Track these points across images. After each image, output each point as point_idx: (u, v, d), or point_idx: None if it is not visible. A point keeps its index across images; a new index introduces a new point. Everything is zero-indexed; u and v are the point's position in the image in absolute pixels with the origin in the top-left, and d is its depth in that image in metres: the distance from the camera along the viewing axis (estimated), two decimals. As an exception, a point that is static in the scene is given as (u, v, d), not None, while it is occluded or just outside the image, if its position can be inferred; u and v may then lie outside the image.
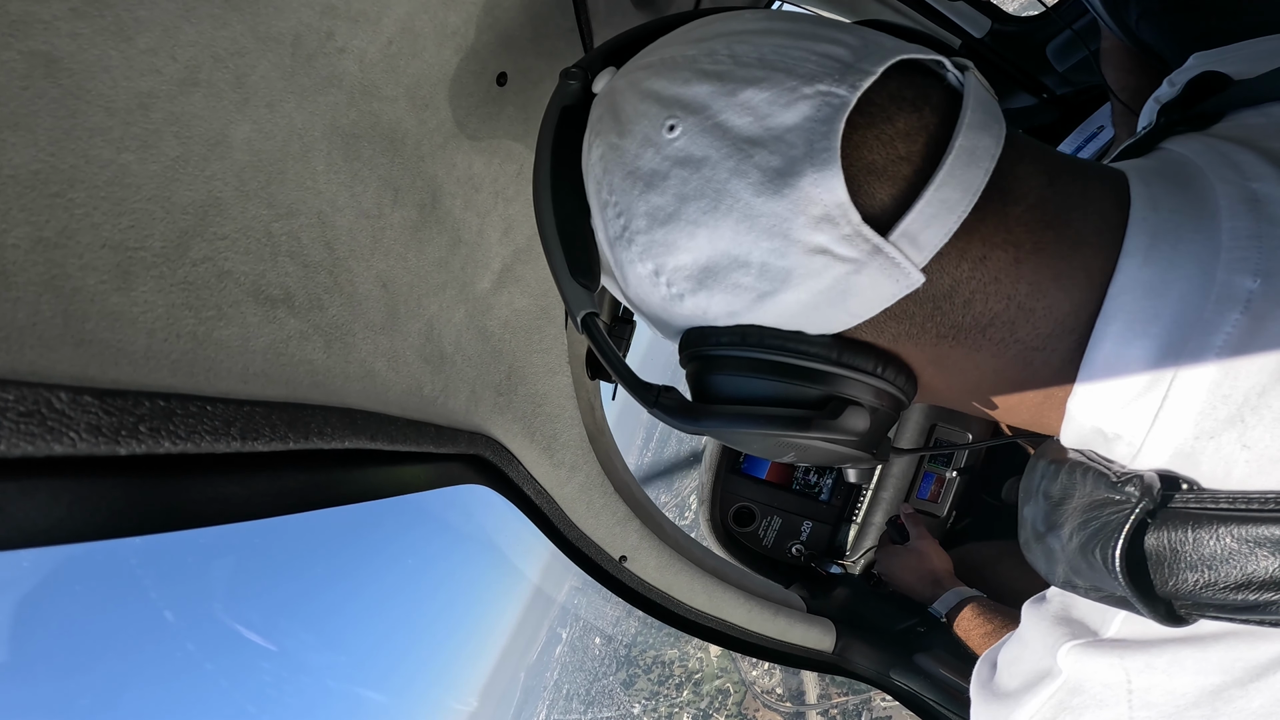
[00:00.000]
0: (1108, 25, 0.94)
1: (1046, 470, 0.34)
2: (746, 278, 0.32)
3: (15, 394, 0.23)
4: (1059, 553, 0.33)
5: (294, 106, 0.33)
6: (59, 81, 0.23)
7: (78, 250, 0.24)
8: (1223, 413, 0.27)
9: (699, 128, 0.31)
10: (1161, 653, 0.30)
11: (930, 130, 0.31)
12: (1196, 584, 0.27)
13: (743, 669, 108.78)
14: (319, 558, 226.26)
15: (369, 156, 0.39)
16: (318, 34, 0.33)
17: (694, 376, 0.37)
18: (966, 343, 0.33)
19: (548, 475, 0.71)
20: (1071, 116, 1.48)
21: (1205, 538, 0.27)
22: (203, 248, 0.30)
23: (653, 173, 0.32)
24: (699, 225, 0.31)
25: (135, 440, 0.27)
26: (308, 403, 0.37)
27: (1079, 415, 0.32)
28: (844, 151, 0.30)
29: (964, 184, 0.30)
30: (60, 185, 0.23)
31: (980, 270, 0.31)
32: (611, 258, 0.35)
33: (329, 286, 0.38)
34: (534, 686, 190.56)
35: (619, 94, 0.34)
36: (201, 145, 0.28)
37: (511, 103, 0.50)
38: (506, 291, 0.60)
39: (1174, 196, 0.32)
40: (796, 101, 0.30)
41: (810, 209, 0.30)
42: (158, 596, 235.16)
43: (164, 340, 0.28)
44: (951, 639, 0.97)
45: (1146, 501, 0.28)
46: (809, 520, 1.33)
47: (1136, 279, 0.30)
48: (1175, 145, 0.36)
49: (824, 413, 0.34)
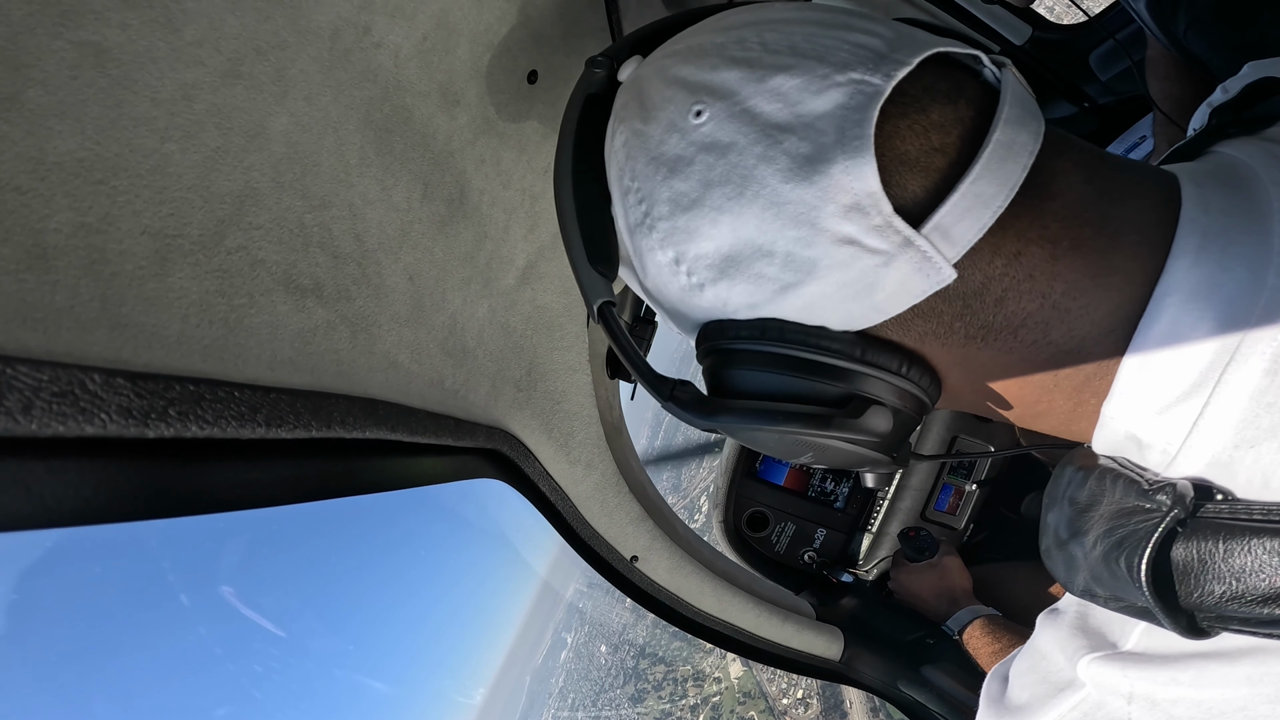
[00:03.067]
0: (1155, 35, 0.92)
1: (1074, 476, 0.34)
2: (770, 268, 0.31)
3: (50, 374, 0.23)
4: (1081, 560, 0.32)
5: (330, 100, 0.33)
6: (107, 71, 0.23)
7: (118, 236, 0.25)
8: (1265, 422, 0.27)
9: (727, 113, 0.30)
10: (1186, 667, 0.29)
11: (966, 124, 0.30)
12: (1223, 596, 0.27)
13: (770, 695, 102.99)
14: (333, 546, 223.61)
15: (400, 151, 0.40)
16: (355, 28, 0.33)
17: (711, 371, 0.36)
18: (996, 344, 0.32)
19: (564, 472, 0.71)
20: (1113, 126, 1.45)
21: (1236, 549, 0.26)
22: (238, 236, 0.30)
23: (677, 158, 0.31)
24: (723, 212, 0.30)
25: (164, 424, 0.27)
26: (332, 391, 0.38)
27: (1114, 420, 0.31)
28: (876, 141, 0.29)
29: (1000, 178, 0.29)
30: (104, 173, 0.24)
31: (1014, 267, 0.30)
32: (631, 246, 0.35)
33: (357, 278, 0.39)
34: (539, 692, 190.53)
35: (645, 81, 0.34)
36: (241, 136, 0.29)
37: (541, 100, 0.50)
38: (530, 288, 0.60)
39: (1226, 199, 0.30)
40: (828, 89, 0.29)
41: (840, 197, 0.29)
42: (175, 579, 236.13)
43: (196, 326, 0.29)
44: (960, 652, 0.96)
45: (1178, 511, 0.27)
46: (823, 528, 1.31)
47: (1185, 280, 0.29)
48: (1228, 148, 0.35)
49: (845, 411, 0.33)
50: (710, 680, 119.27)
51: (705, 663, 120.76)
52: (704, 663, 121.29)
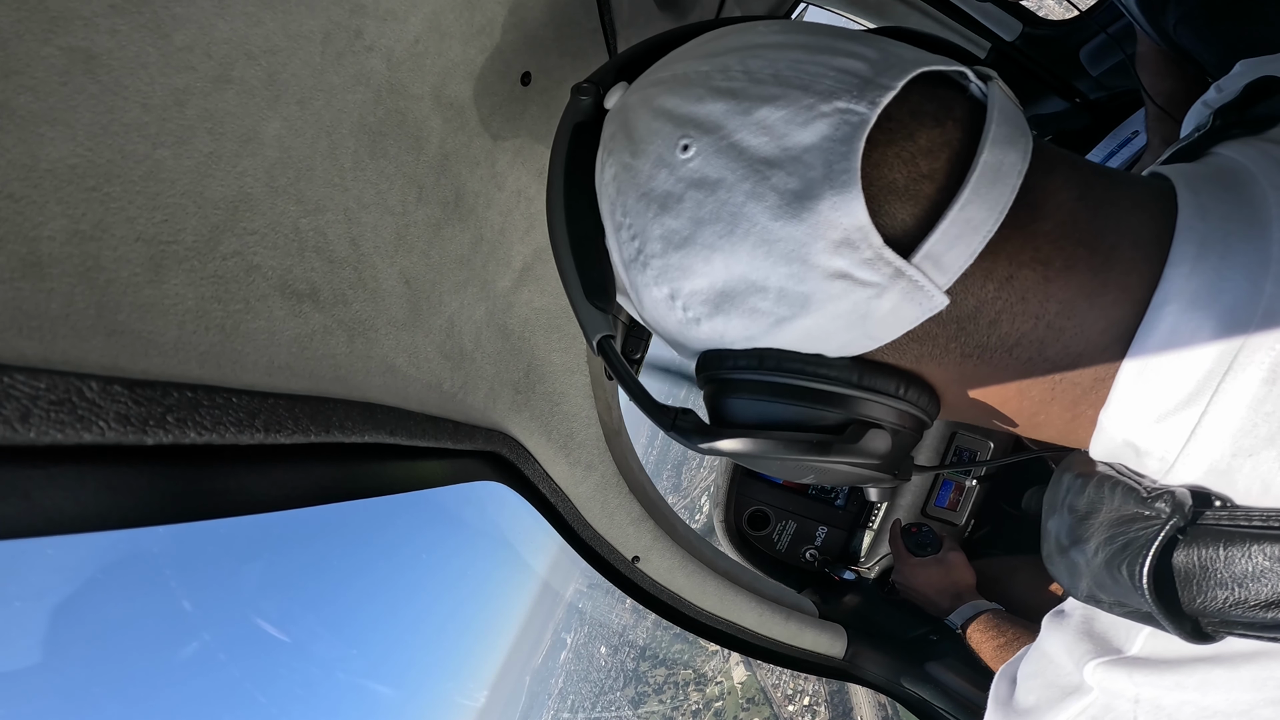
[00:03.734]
0: (1144, 30, 0.92)
1: (1073, 484, 0.34)
2: (764, 303, 0.31)
3: (47, 382, 0.23)
4: (1083, 567, 0.32)
5: (323, 104, 0.33)
6: (98, 77, 0.23)
7: (112, 243, 0.25)
8: (1263, 431, 0.27)
9: (714, 148, 0.30)
10: (1191, 672, 0.30)
11: (954, 146, 0.30)
12: (1226, 602, 0.27)
13: (775, 701, 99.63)
14: (333, 550, 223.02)
15: (395, 154, 0.40)
16: (347, 32, 0.33)
17: (711, 399, 0.36)
18: (992, 362, 0.32)
19: (564, 474, 0.71)
20: (1105, 121, 1.45)
21: (1237, 555, 0.27)
22: (233, 242, 0.30)
23: (667, 195, 0.31)
24: (715, 250, 0.31)
25: (163, 430, 0.27)
26: (330, 396, 0.38)
27: (1111, 428, 0.31)
28: (864, 171, 0.29)
29: (990, 202, 0.29)
30: (97, 179, 0.24)
31: (1007, 290, 0.30)
32: (627, 279, 0.35)
33: (353, 282, 0.39)
34: (539, 692, 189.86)
35: (631, 111, 0.34)
36: (234, 141, 0.29)
37: (535, 102, 0.50)
38: (527, 290, 0.60)
39: (1224, 204, 0.30)
40: (814, 120, 0.29)
41: (829, 233, 0.29)
42: (178, 585, 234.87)
43: (193, 332, 0.29)
44: (965, 649, 0.96)
45: (1177, 518, 0.28)
46: (824, 526, 1.32)
47: (1182, 290, 0.29)
48: (1228, 150, 0.35)
49: (844, 436, 0.33)
50: (712, 684, 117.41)
51: (708, 666, 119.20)
52: (706, 666, 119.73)
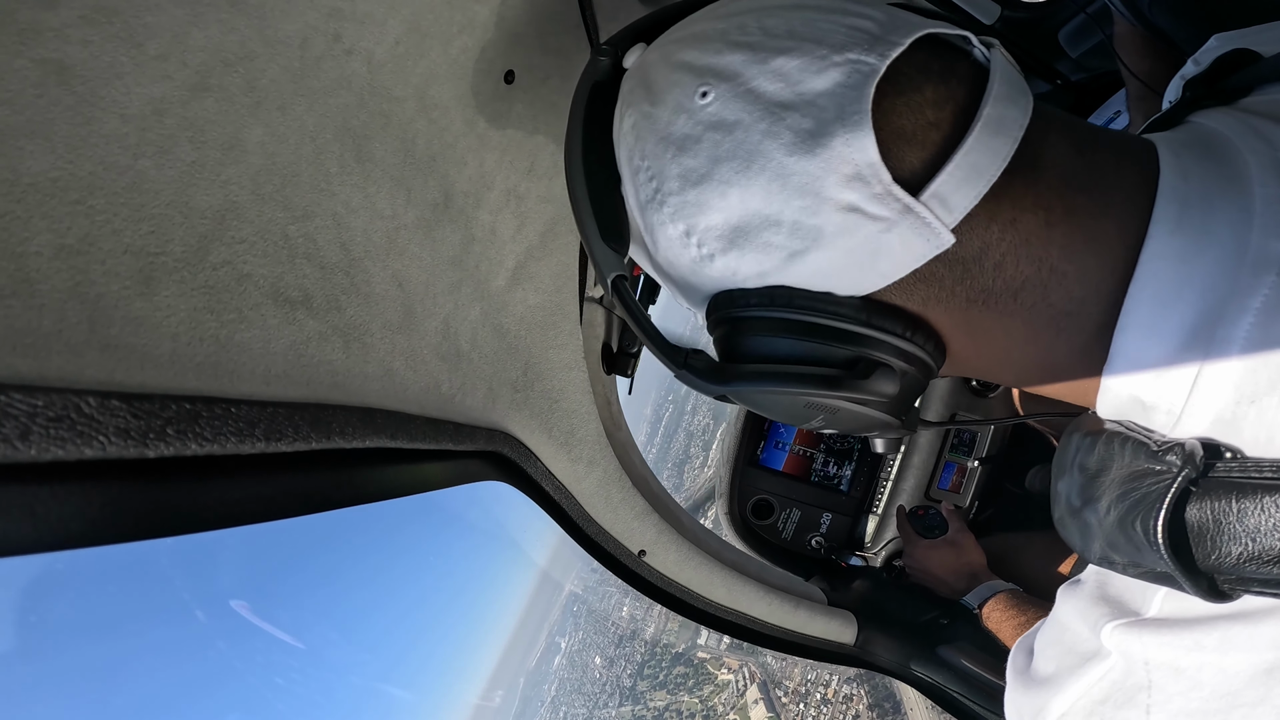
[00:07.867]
0: (1119, 10, 0.92)
1: (1082, 443, 0.34)
2: (777, 236, 0.32)
3: (44, 399, 0.23)
4: (1096, 527, 0.32)
5: (305, 109, 0.33)
6: (73, 89, 0.23)
7: (100, 256, 0.25)
8: (1264, 376, 0.27)
9: (731, 93, 0.32)
10: (1210, 631, 0.29)
11: (958, 100, 0.32)
12: (1240, 557, 0.27)
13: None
14: (340, 556, 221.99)
15: (381, 157, 0.40)
16: (325, 36, 0.33)
17: (722, 340, 0.37)
18: (997, 307, 0.33)
19: (566, 471, 0.71)
20: (1086, 102, 1.45)
21: (1250, 508, 0.27)
22: (222, 251, 0.30)
23: (685, 137, 0.33)
24: (731, 185, 0.32)
25: (163, 443, 0.27)
26: (328, 403, 0.38)
27: (1116, 382, 0.32)
28: (874, 117, 0.30)
29: (993, 150, 0.31)
30: (80, 192, 0.24)
31: (1010, 233, 0.32)
32: (642, 222, 0.36)
33: (346, 287, 0.38)
34: (531, 697, 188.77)
35: (651, 67, 0.36)
36: (216, 150, 0.29)
37: (520, 100, 0.50)
38: (521, 288, 0.60)
39: (1203, 166, 0.32)
40: (827, 69, 0.31)
41: (842, 168, 0.30)
42: (190, 597, 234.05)
43: (188, 344, 0.29)
44: (976, 631, 0.95)
45: (1189, 470, 0.28)
46: (828, 512, 1.32)
47: (1168, 245, 0.30)
48: (1203, 119, 0.37)
49: (853, 373, 0.34)
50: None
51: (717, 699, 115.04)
52: (716, 699, 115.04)
